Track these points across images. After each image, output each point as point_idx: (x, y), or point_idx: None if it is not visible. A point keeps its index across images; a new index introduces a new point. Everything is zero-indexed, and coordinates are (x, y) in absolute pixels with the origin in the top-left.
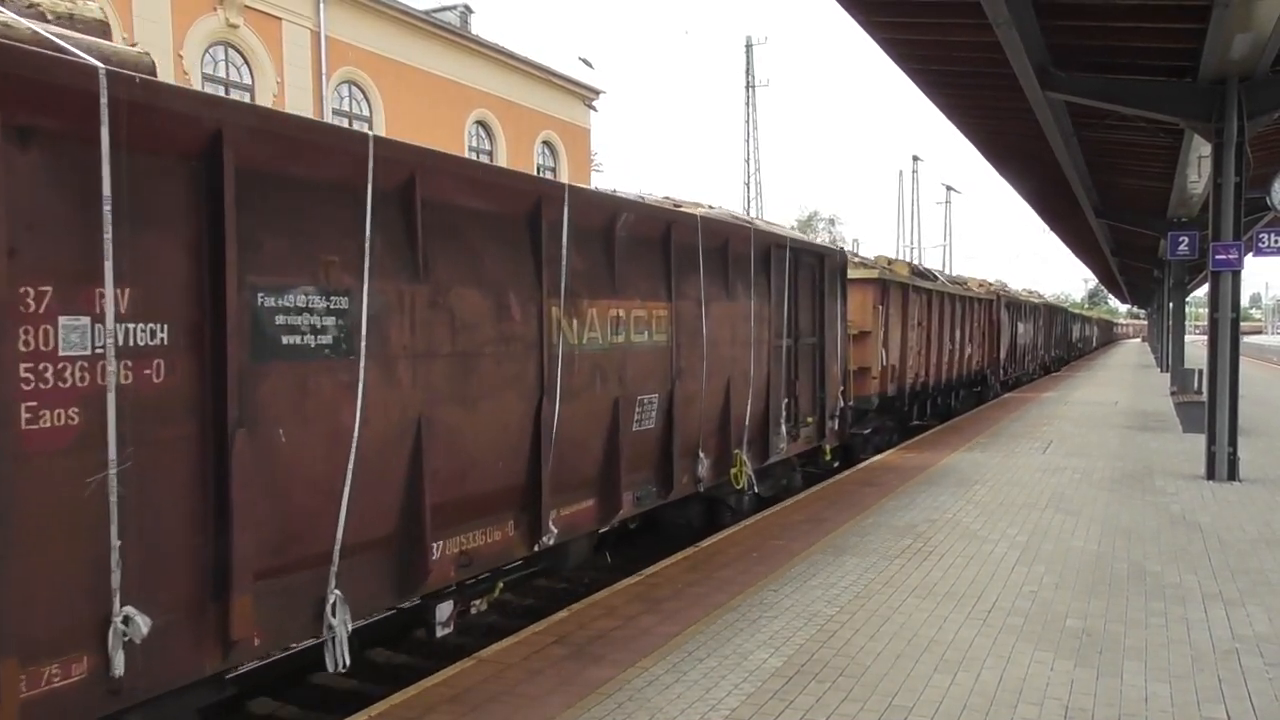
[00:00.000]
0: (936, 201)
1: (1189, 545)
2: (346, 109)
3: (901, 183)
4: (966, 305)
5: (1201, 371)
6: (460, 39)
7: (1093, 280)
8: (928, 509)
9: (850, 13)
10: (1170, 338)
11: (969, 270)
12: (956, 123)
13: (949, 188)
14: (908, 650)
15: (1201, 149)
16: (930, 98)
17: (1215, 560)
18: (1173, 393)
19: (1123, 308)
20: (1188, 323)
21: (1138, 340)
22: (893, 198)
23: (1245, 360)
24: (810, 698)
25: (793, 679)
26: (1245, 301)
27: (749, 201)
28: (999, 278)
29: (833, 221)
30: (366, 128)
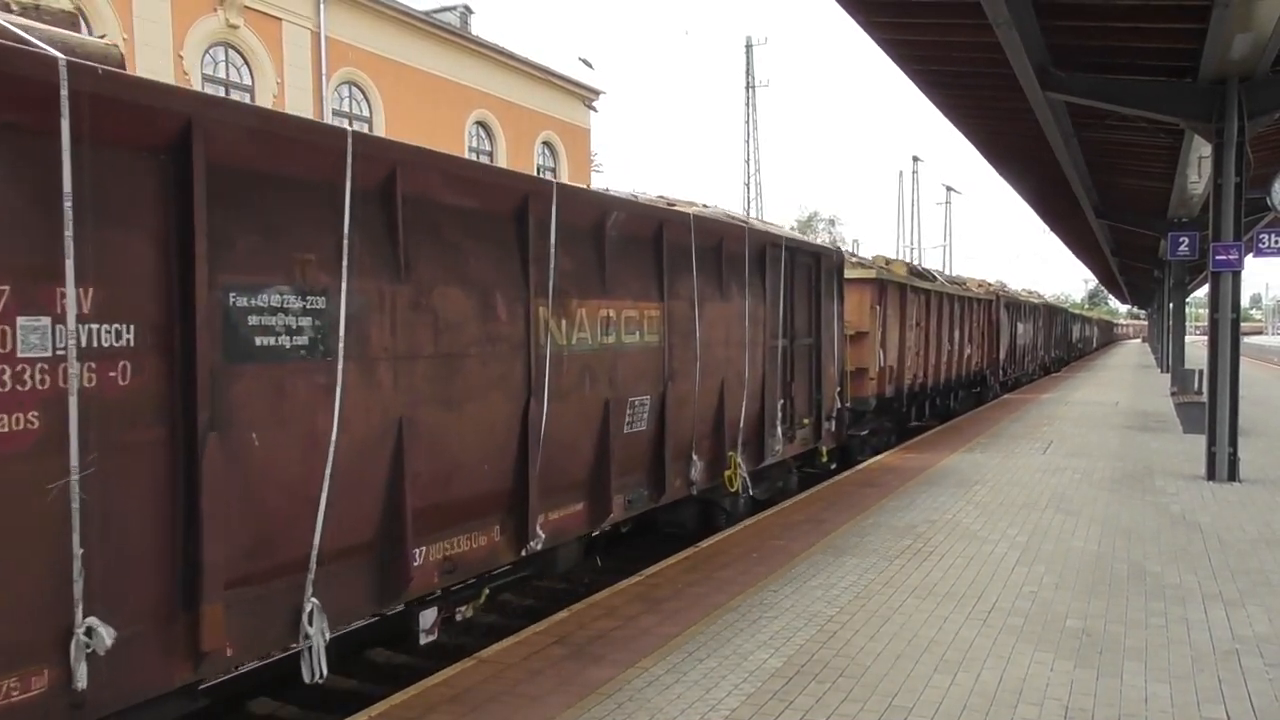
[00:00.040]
0: (936, 202)
1: (1189, 545)
2: (346, 109)
3: (901, 183)
4: (965, 305)
5: (1202, 372)
6: (460, 39)
7: (1093, 280)
8: (927, 510)
9: (850, 13)
10: (1170, 338)
11: (969, 270)
12: (956, 123)
13: (949, 188)
14: (908, 650)
15: (1202, 149)
16: (930, 98)
17: (1215, 560)
18: (1173, 393)
19: (1123, 308)
20: (1188, 323)
21: (1138, 341)
22: (893, 198)
23: (1245, 361)
24: (810, 698)
25: (793, 679)
26: (1245, 302)
27: (749, 202)
28: (999, 278)
29: (833, 222)
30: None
